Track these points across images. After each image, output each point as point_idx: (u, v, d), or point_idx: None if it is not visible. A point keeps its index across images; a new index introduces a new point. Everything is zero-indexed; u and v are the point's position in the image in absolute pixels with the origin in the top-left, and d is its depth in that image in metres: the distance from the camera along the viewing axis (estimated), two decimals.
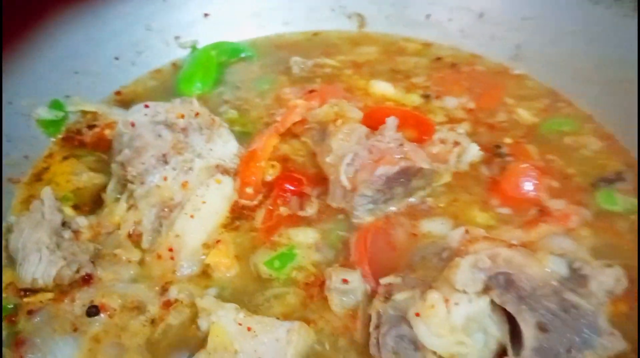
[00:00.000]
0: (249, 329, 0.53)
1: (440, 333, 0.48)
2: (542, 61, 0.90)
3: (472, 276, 0.48)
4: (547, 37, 0.90)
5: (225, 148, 0.70)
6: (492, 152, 0.76)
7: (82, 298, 0.56)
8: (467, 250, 0.51)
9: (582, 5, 0.86)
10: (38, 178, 0.70)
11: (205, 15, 0.95)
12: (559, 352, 0.46)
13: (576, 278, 0.49)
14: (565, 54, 0.87)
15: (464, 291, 0.48)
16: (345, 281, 0.58)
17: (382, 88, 0.87)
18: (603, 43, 0.84)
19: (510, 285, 0.48)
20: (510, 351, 0.48)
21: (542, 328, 0.47)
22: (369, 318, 0.54)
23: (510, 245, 0.52)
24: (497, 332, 0.49)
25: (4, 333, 0.54)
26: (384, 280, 0.56)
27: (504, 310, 0.48)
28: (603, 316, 0.47)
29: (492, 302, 0.48)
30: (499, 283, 0.48)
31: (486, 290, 0.48)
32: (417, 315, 0.49)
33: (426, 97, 0.86)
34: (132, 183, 0.64)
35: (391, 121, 0.68)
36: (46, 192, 0.60)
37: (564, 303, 0.47)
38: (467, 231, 0.53)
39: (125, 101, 0.82)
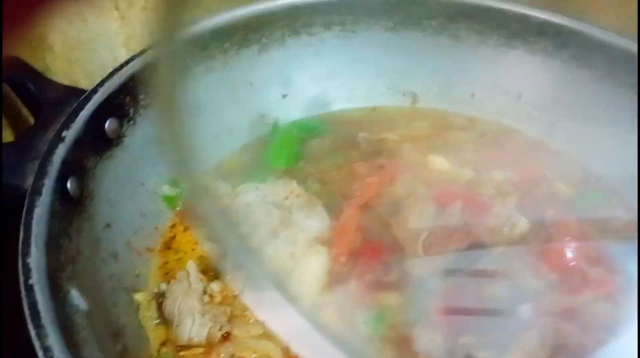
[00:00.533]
0: None
1: None
2: (574, 138, 1.05)
3: (542, 346, 0.63)
4: (578, 117, 1.05)
5: (321, 222, 0.85)
6: (538, 224, 0.90)
7: (225, 352, 0.71)
8: (534, 323, 0.65)
9: (605, 91, 1.02)
10: (168, 246, 0.85)
11: (284, 96, 1.11)
12: None
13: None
14: (594, 132, 1.03)
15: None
16: (432, 340, 0.73)
17: (439, 163, 1.02)
18: (627, 124, 0.99)
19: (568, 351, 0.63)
20: None
21: None
22: None
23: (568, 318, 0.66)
24: None
25: None
26: (462, 340, 0.71)
27: None
28: None
29: None
30: (563, 352, 0.63)
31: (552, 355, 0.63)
32: None
33: (477, 171, 1.01)
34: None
35: (458, 205, 0.83)
36: (191, 265, 0.76)
37: None
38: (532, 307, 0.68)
39: (225, 175, 0.97)
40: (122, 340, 0.68)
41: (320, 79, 1.13)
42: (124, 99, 0.83)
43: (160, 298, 0.75)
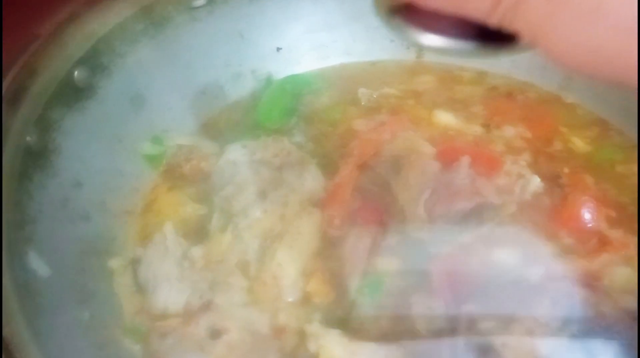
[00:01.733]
0: (352, 353, 0.61)
1: None
2: (592, 91, 0.96)
3: (552, 311, 0.56)
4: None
5: (315, 182, 0.78)
6: (552, 182, 0.83)
7: (205, 322, 0.65)
8: (546, 287, 0.58)
9: None
10: (148, 208, 0.78)
11: (278, 49, 1.02)
12: None
13: None
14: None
15: (547, 325, 0.56)
16: (429, 308, 0.66)
17: (445, 119, 0.94)
18: None
19: (587, 321, 0.56)
20: None
21: None
22: (455, 344, 0.62)
23: (584, 283, 0.59)
24: None
25: (142, 353, 0.63)
26: (465, 307, 0.65)
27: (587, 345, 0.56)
28: None
29: (574, 338, 0.56)
30: (578, 320, 0.56)
31: (565, 325, 0.56)
32: (504, 345, 0.57)
33: (486, 126, 0.93)
34: (236, 216, 0.73)
35: (465, 161, 0.76)
36: (168, 227, 0.69)
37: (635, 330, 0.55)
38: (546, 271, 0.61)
39: (214, 134, 0.90)
40: (90, 308, 0.62)
41: (317, 30, 1.04)
42: (96, 46, 0.76)
43: (136, 264, 0.69)
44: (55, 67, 0.70)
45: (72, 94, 0.73)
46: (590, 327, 0.55)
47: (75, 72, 0.73)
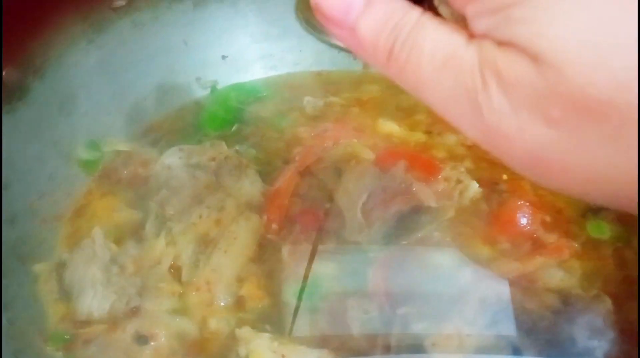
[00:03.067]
0: (282, 356, 0.60)
1: None
2: None
3: (481, 311, 0.56)
4: None
5: (253, 187, 0.77)
6: (491, 188, 0.84)
7: (132, 328, 0.62)
8: (476, 286, 0.58)
9: None
10: (80, 213, 0.76)
11: (223, 57, 1.02)
12: None
13: (570, 311, 0.57)
14: None
15: (474, 324, 0.56)
16: (365, 311, 0.65)
17: (388, 127, 0.95)
18: None
19: (513, 319, 0.56)
20: None
21: (541, 354, 0.55)
22: (389, 345, 0.62)
23: (513, 283, 0.60)
24: None
25: None
26: (400, 310, 0.64)
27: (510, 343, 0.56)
28: (595, 341, 0.55)
29: (499, 337, 0.56)
30: (504, 318, 0.56)
31: (493, 323, 0.56)
32: (434, 344, 0.57)
33: (429, 133, 0.94)
34: (170, 220, 0.71)
35: (401, 165, 0.76)
36: (97, 232, 0.67)
37: (561, 334, 0.55)
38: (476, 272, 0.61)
39: (154, 140, 0.88)
40: (9, 313, 0.59)
41: (265, 39, 1.04)
42: (29, 47, 0.74)
43: (62, 268, 0.66)
44: None
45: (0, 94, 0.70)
46: (516, 325, 0.55)
47: (4, 72, 0.70)
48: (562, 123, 0.26)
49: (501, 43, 0.28)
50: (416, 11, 0.33)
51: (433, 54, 0.31)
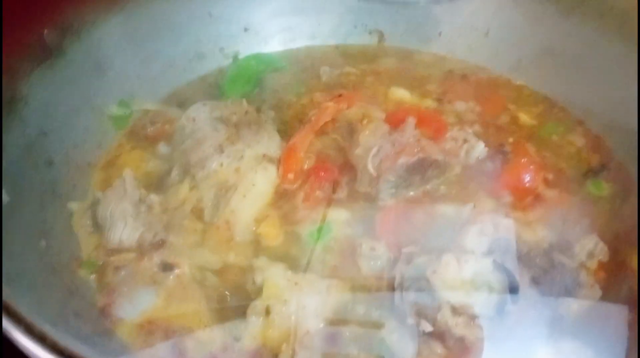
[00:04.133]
0: (295, 283, 0.65)
1: (453, 284, 0.60)
2: (540, 73, 1.02)
3: (478, 240, 0.60)
4: (544, 52, 1.03)
5: (271, 141, 0.82)
6: (497, 149, 0.88)
7: (158, 257, 0.68)
8: (475, 220, 0.63)
9: (571, 26, 0.99)
10: (111, 164, 0.82)
11: (245, 29, 1.08)
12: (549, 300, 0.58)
13: (563, 243, 0.61)
14: (560, 67, 1.00)
15: (472, 252, 0.60)
16: (372, 248, 0.70)
17: (400, 94, 1.00)
18: (591, 57, 0.97)
19: (509, 248, 0.60)
20: (509, 301, 0.60)
21: (535, 281, 0.59)
22: (394, 278, 0.66)
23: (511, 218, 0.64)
24: (498, 286, 0.61)
25: (96, 284, 0.66)
26: (405, 249, 0.69)
27: (504, 267, 0.60)
28: (584, 272, 0.59)
29: (495, 261, 0.61)
30: (500, 246, 0.60)
31: (490, 251, 0.60)
32: (434, 272, 0.61)
33: (439, 101, 0.98)
34: (193, 167, 0.77)
35: (410, 121, 0.81)
36: (127, 172, 0.73)
37: (553, 262, 0.59)
38: (475, 206, 0.66)
39: (180, 102, 0.94)
40: (47, 239, 0.66)
41: (285, 13, 1.10)
42: (68, 10, 0.81)
43: (95, 205, 0.72)
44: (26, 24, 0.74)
45: (41, 51, 0.76)
46: (512, 252, 0.59)
47: (45, 31, 0.77)
48: None
49: None
50: None
51: None
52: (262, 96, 0.98)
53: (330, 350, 0.62)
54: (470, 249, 0.60)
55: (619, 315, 0.58)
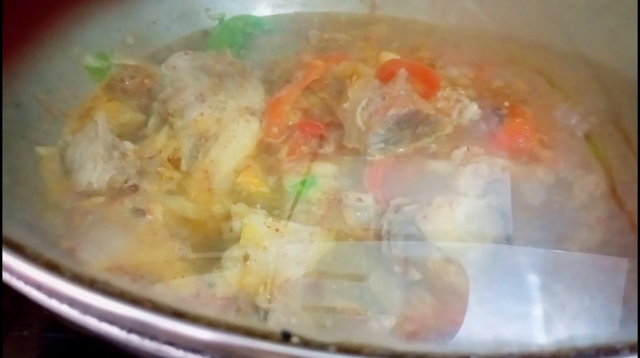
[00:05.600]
0: (276, 230, 0.61)
1: (445, 229, 0.56)
2: (532, 42, 0.99)
3: (473, 181, 0.57)
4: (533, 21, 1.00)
5: (255, 93, 0.79)
6: (492, 112, 0.84)
7: (130, 203, 0.64)
8: (469, 161, 0.59)
9: None
10: (86, 114, 0.78)
11: None
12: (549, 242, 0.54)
13: (562, 184, 0.57)
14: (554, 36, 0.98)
15: (466, 195, 0.57)
16: (359, 199, 0.66)
17: (391, 57, 0.96)
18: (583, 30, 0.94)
19: (505, 190, 0.57)
20: (504, 246, 0.56)
21: (531, 225, 0.55)
22: (381, 228, 0.62)
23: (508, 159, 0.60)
24: (493, 230, 0.57)
25: (63, 227, 0.62)
26: (393, 201, 0.65)
27: (500, 210, 0.57)
28: (584, 212, 0.55)
29: (490, 204, 0.57)
30: (496, 188, 0.57)
31: (485, 193, 0.57)
32: (424, 217, 0.58)
33: (432, 66, 0.95)
34: (172, 116, 0.73)
35: (402, 73, 0.77)
36: (100, 115, 0.69)
37: (553, 204, 0.55)
38: (469, 149, 0.62)
39: (161, 60, 0.89)
40: (12, 177, 0.61)
41: None
42: None
43: (65, 149, 0.68)
44: None
45: None
46: (508, 194, 0.56)
47: None
48: None
49: None
50: None
51: None
52: (248, 55, 0.94)
53: (312, 300, 0.58)
54: (464, 191, 0.56)
55: (617, 263, 0.54)
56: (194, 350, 0.35)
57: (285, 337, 0.34)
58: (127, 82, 0.84)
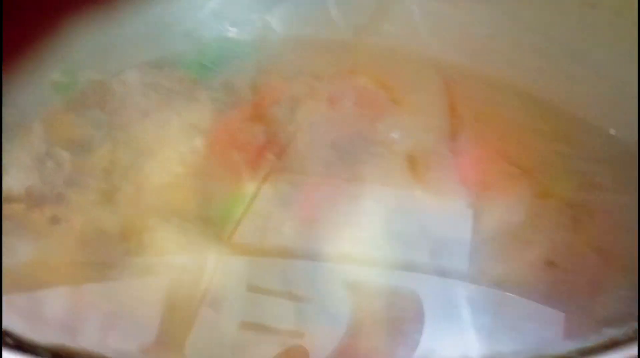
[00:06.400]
0: (188, 244, 0.60)
1: (350, 252, 0.54)
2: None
3: (377, 211, 0.54)
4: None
5: (202, 112, 0.79)
6: (450, 137, 0.82)
7: (50, 211, 0.64)
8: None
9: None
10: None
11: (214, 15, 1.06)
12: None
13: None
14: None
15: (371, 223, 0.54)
16: (283, 222, 0.65)
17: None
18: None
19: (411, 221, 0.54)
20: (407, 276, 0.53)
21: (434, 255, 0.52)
22: (298, 249, 0.61)
23: None
24: (393, 261, 0.54)
25: None
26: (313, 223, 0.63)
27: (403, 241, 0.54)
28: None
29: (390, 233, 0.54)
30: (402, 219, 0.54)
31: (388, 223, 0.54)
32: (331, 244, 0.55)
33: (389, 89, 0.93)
34: (115, 130, 0.74)
35: (349, 97, 0.76)
36: (37, 125, 0.70)
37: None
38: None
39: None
40: None
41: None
42: None
43: None
44: None
45: None
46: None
47: None
48: None
49: None
50: None
51: None
52: (206, 74, 0.95)
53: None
54: (369, 220, 0.54)
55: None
56: None
57: None
58: (89, 98, 0.85)
